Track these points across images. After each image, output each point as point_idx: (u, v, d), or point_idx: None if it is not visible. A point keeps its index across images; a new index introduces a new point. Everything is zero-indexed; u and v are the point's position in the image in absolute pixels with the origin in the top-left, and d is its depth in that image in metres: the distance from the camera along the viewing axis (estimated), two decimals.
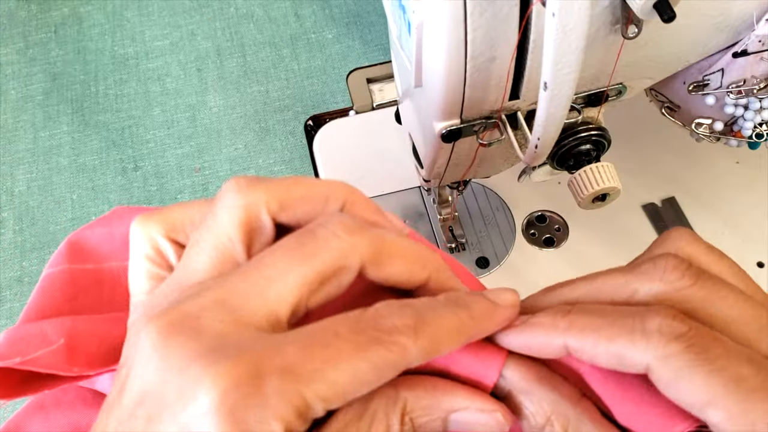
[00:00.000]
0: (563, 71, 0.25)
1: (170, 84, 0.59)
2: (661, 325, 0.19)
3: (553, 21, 0.23)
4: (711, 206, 0.50)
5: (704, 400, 0.19)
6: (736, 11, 0.30)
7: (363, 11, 0.62)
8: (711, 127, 0.35)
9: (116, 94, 0.58)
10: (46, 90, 0.58)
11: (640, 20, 0.26)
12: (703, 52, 0.32)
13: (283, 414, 0.18)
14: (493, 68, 0.28)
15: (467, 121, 0.31)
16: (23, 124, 0.57)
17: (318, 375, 0.18)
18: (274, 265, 0.20)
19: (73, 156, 0.55)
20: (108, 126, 0.57)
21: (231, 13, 0.62)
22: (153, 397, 0.19)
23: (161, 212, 0.23)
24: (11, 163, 0.55)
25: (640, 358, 0.19)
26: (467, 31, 0.26)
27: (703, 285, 0.21)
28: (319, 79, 0.59)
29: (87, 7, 0.63)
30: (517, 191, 0.51)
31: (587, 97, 0.32)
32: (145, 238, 0.23)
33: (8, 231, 0.52)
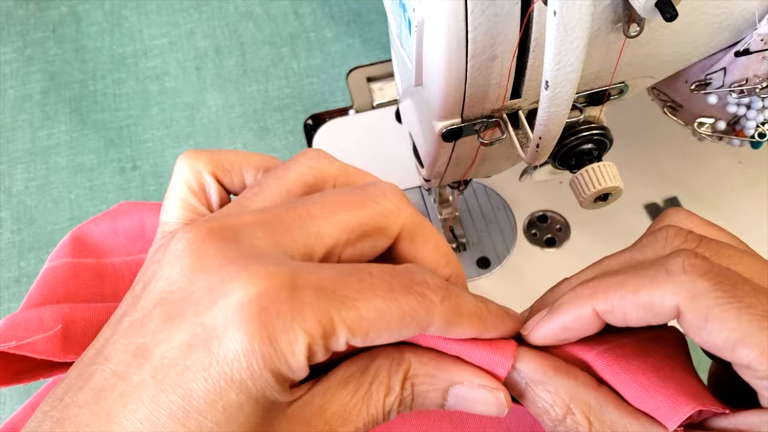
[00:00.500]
0: (565, 70, 0.24)
1: (169, 83, 0.59)
2: (685, 264, 0.19)
3: (555, 19, 0.23)
4: (713, 206, 0.50)
5: (735, 338, 0.18)
6: (738, 10, 0.29)
7: (363, 9, 0.62)
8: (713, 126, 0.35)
9: (114, 94, 0.58)
10: (44, 89, 0.58)
11: (642, 19, 0.26)
12: (705, 51, 0.32)
13: (309, 328, 0.17)
14: (494, 67, 0.28)
15: (468, 120, 0.31)
16: (21, 124, 0.56)
17: (349, 302, 0.18)
18: (323, 204, 0.20)
19: (71, 155, 0.55)
20: (106, 125, 0.57)
21: (230, 11, 0.62)
22: (177, 295, 0.18)
23: (212, 151, 0.23)
24: (9, 162, 0.55)
25: (669, 301, 0.19)
26: (468, 29, 0.26)
27: (707, 246, 0.21)
28: (319, 77, 0.59)
29: (85, 6, 0.63)
30: (519, 191, 0.51)
31: (589, 96, 0.32)
32: (191, 170, 0.23)
33: (6, 231, 0.52)
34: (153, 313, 0.18)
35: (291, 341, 0.17)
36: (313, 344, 0.18)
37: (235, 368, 0.17)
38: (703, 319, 0.19)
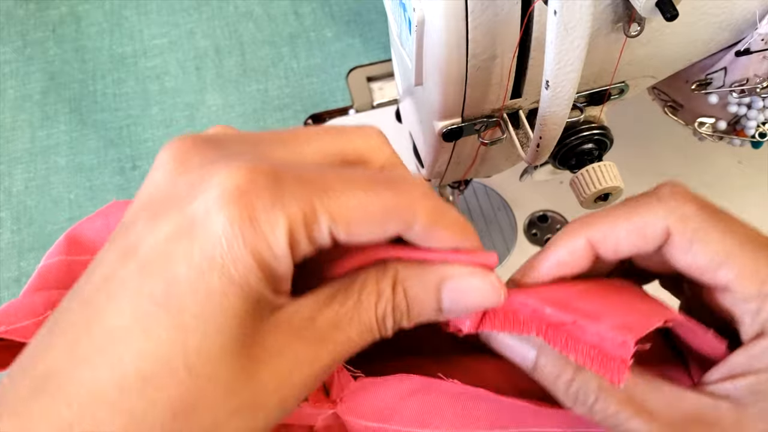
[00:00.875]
0: (565, 69, 0.24)
1: (169, 83, 0.58)
2: (673, 191, 0.21)
3: (555, 19, 0.23)
4: None
5: (718, 259, 0.20)
6: (739, 10, 0.29)
7: (363, 9, 0.62)
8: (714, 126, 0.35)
9: (114, 93, 0.58)
10: (44, 89, 0.58)
11: (643, 18, 0.26)
12: (706, 50, 0.32)
13: (290, 212, 0.18)
14: (494, 66, 0.28)
15: (468, 119, 0.31)
16: (21, 124, 0.56)
17: (331, 193, 0.19)
18: (306, 131, 0.21)
19: (71, 155, 0.55)
20: (106, 125, 0.56)
21: (230, 11, 0.62)
22: (160, 195, 0.19)
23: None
24: (9, 162, 0.55)
25: (660, 223, 0.21)
26: (468, 29, 0.26)
27: (703, 208, 0.22)
28: (319, 77, 0.59)
29: (85, 6, 0.63)
30: (519, 191, 0.50)
31: (589, 95, 0.32)
32: None
33: (6, 231, 0.52)
34: (139, 215, 0.19)
35: (272, 223, 0.18)
36: (294, 229, 0.18)
37: (217, 251, 0.17)
38: (689, 241, 0.21)
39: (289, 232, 0.18)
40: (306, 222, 0.18)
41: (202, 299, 0.17)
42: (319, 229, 0.19)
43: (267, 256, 0.18)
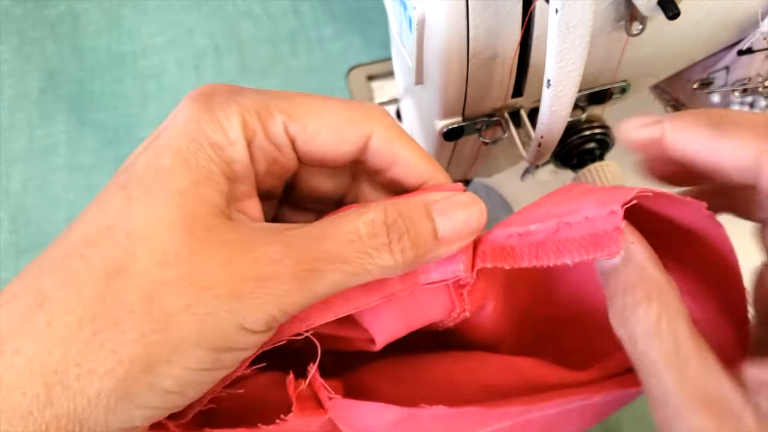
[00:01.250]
0: (567, 68, 0.24)
1: (167, 82, 0.58)
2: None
3: (557, 17, 0.23)
4: None
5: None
6: (741, 9, 0.29)
7: (363, 8, 0.61)
8: None
9: (112, 92, 0.58)
10: (41, 88, 0.58)
11: (645, 17, 0.26)
12: (708, 49, 0.32)
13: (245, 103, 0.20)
14: (495, 65, 0.28)
15: (469, 119, 0.31)
16: (18, 123, 0.56)
17: (287, 96, 0.22)
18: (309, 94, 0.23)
19: (69, 155, 0.55)
20: (104, 124, 0.56)
21: (229, 10, 0.62)
22: (164, 123, 0.21)
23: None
24: (6, 162, 0.54)
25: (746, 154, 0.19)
26: (469, 27, 0.26)
27: None
28: (319, 76, 0.58)
29: (83, 5, 0.62)
30: (520, 190, 0.50)
31: (591, 94, 0.32)
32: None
33: (3, 231, 0.51)
34: (147, 141, 0.21)
35: (227, 111, 0.20)
36: (247, 118, 0.20)
37: (175, 139, 0.19)
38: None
39: (242, 120, 0.20)
40: (260, 114, 0.21)
41: (151, 175, 0.19)
42: (274, 123, 0.21)
43: (220, 139, 0.20)
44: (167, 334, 0.17)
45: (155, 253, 0.18)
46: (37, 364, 0.17)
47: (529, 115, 0.31)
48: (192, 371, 0.18)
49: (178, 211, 0.19)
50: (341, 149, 0.22)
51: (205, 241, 0.18)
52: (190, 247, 0.18)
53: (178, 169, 0.19)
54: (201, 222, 0.19)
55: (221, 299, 0.18)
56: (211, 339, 0.18)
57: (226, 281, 0.18)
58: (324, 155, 0.22)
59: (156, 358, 0.17)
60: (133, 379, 0.17)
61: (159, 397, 0.18)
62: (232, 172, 0.20)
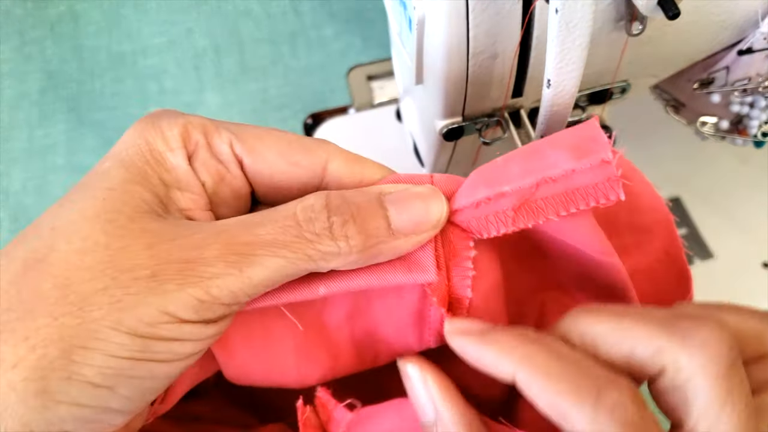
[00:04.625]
0: (567, 68, 0.24)
1: (167, 82, 0.58)
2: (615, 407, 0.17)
3: (557, 17, 0.23)
4: (716, 206, 0.49)
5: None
6: (741, 9, 0.29)
7: (363, 7, 0.61)
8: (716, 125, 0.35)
9: (112, 93, 0.58)
10: (41, 88, 0.58)
11: (645, 17, 0.26)
12: (708, 49, 0.32)
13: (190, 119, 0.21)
14: (495, 65, 0.28)
15: (469, 118, 0.31)
16: (19, 123, 0.56)
17: (235, 124, 0.22)
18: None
19: (69, 155, 0.55)
20: (104, 124, 0.56)
21: (229, 10, 0.62)
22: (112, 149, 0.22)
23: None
24: (7, 162, 0.54)
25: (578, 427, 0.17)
26: (469, 27, 0.26)
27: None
28: (319, 76, 0.58)
29: (83, 5, 0.62)
30: None
31: (591, 94, 0.32)
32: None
33: (3, 231, 0.51)
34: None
35: (171, 123, 0.21)
36: (190, 130, 0.21)
37: (118, 145, 0.21)
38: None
39: (184, 130, 0.21)
40: (205, 129, 0.21)
41: (90, 178, 0.20)
42: (219, 139, 0.21)
43: (160, 146, 0.20)
44: (82, 318, 0.17)
45: (74, 242, 0.18)
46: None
47: (529, 115, 0.31)
48: (116, 359, 0.17)
49: (102, 203, 0.19)
50: (294, 174, 0.22)
51: (126, 228, 0.18)
52: (110, 234, 0.18)
53: (113, 170, 0.20)
54: (125, 214, 0.18)
55: (140, 281, 0.17)
56: (131, 323, 0.17)
57: (147, 264, 0.17)
58: (278, 180, 0.22)
59: (71, 342, 0.16)
60: (49, 367, 0.16)
61: (85, 392, 0.17)
62: (173, 178, 0.20)
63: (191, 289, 0.17)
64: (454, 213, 0.22)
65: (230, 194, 0.22)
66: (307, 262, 0.19)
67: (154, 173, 0.20)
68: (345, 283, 0.21)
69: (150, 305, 0.17)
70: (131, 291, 0.17)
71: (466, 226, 0.22)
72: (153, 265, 0.17)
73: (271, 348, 0.23)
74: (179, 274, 0.17)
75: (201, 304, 0.18)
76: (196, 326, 0.18)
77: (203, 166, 0.21)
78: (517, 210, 0.21)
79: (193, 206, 0.21)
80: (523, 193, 0.21)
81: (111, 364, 0.17)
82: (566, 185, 0.20)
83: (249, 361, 0.22)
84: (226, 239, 0.18)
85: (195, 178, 0.21)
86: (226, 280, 0.18)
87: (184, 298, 0.17)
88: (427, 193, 0.21)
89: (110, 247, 0.18)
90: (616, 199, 0.20)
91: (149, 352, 0.17)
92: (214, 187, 0.21)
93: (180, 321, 0.18)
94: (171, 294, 0.17)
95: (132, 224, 0.18)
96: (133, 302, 0.17)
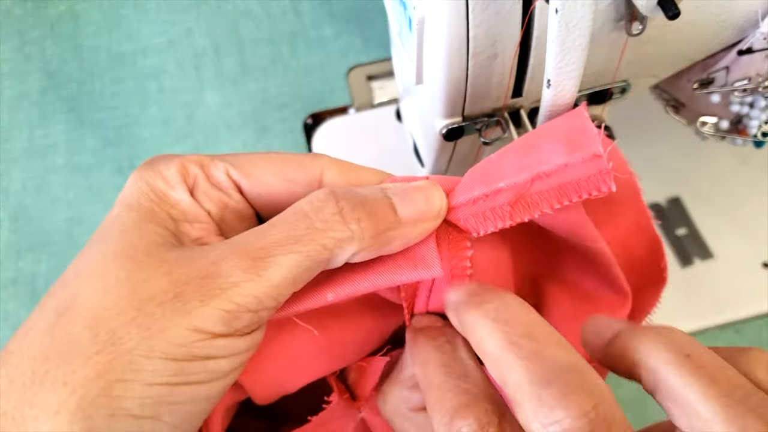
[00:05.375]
0: (567, 68, 0.24)
1: (167, 82, 0.58)
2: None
3: (557, 17, 0.23)
4: (716, 206, 0.49)
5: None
6: (741, 9, 0.29)
7: (363, 7, 0.61)
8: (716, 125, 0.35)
9: (112, 92, 0.58)
10: (41, 88, 0.58)
11: (645, 17, 0.26)
12: (708, 49, 0.32)
13: (186, 157, 0.22)
14: (495, 65, 0.28)
15: (469, 118, 0.31)
16: (19, 123, 0.56)
17: (228, 157, 0.23)
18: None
19: (69, 155, 0.55)
20: (104, 124, 0.56)
21: (229, 9, 0.62)
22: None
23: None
24: (6, 162, 0.54)
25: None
26: (469, 27, 0.26)
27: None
28: (319, 76, 0.58)
29: (83, 5, 0.62)
30: None
31: (591, 94, 0.32)
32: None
33: (3, 231, 0.51)
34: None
35: (168, 164, 0.22)
36: (187, 166, 0.22)
37: (123, 193, 0.21)
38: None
39: (181, 167, 0.22)
40: (202, 163, 0.22)
41: (101, 227, 0.20)
42: (216, 169, 0.22)
43: (161, 185, 0.21)
44: (116, 352, 0.17)
45: (96, 283, 0.18)
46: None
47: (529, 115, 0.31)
48: (154, 387, 0.17)
49: (119, 244, 0.19)
50: (292, 190, 0.22)
51: (144, 262, 0.19)
52: (129, 269, 0.18)
53: (123, 213, 0.20)
54: (142, 249, 0.19)
55: (164, 305, 0.17)
56: (163, 347, 0.17)
57: (168, 288, 0.18)
58: (277, 200, 0.23)
59: (108, 378, 0.16)
60: (90, 407, 0.16)
61: (130, 425, 0.17)
62: (179, 212, 0.21)
63: (215, 302, 0.18)
64: (452, 210, 0.22)
65: (236, 219, 0.23)
66: (322, 252, 0.19)
67: (161, 210, 0.21)
68: (353, 286, 0.21)
69: (178, 326, 0.17)
70: (157, 316, 0.17)
71: (463, 225, 0.22)
72: (174, 289, 0.18)
73: (294, 356, 0.23)
74: (200, 291, 0.18)
75: (228, 315, 0.18)
76: (228, 340, 0.18)
77: (205, 196, 0.22)
78: (513, 205, 0.21)
79: (204, 234, 0.22)
80: (519, 189, 0.21)
81: (150, 393, 0.17)
82: (559, 179, 0.21)
83: (275, 376, 0.23)
84: (240, 249, 0.19)
85: (199, 208, 0.22)
86: (246, 286, 0.18)
87: (209, 312, 0.18)
88: (426, 186, 0.22)
89: (131, 280, 0.18)
90: (608, 191, 0.20)
91: (185, 375, 0.17)
92: (219, 213, 0.22)
93: (211, 336, 0.18)
94: (196, 311, 0.18)
95: (149, 258, 0.19)
96: (161, 327, 0.17)
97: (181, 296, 0.18)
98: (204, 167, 0.22)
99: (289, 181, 0.22)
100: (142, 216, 0.20)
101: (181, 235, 0.21)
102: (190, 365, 0.17)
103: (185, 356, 0.17)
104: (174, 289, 0.18)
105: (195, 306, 0.17)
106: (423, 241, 0.22)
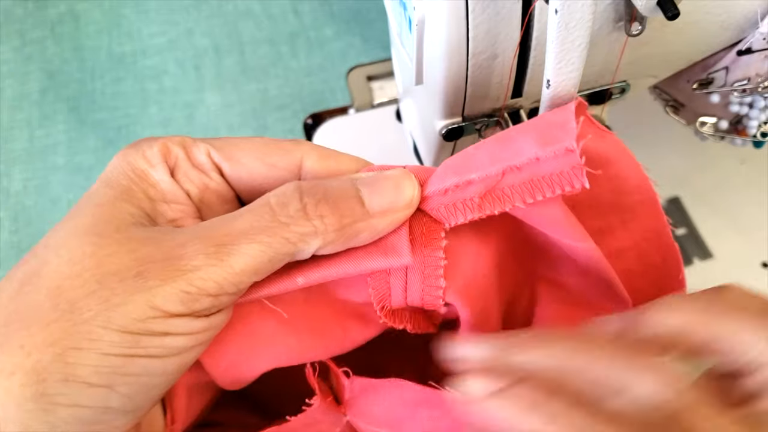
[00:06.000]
0: (566, 69, 0.24)
1: (167, 82, 0.58)
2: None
3: (556, 18, 0.23)
4: (716, 206, 0.49)
5: None
6: (741, 9, 0.29)
7: (363, 8, 0.61)
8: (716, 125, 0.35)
9: (113, 93, 0.58)
10: (42, 88, 0.58)
11: (644, 18, 0.26)
12: (707, 49, 0.32)
13: (168, 138, 0.22)
14: (495, 66, 0.28)
15: (469, 119, 0.31)
16: (19, 123, 0.56)
17: (211, 140, 0.23)
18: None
19: (70, 155, 0.55)
20: (105, 124, 0.56)
21: (229, 10, 0.62)
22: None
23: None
24: (7, 162, 0.54)
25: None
26: (469, 27, 0.26)
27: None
28: (319, 76, 0.58)
29: (84, 5, 0.62)
30: None
31: (590, 95, 0.32)
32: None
33: (4, 231, 0.51)
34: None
35: (150, 143, 0.22)
36: (169, 146, 0.22)
37: (104, 171, 0.22)
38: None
39: (163, 147, 0.22)
40: (184, 144, 0.22)
41: (78, 202, 0.21)
42: (198, 150, 0.22)
43: (141, 164, 0.21)
44: (73, 321, 0.17)
45: (63, 255, 0.19)
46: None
47: (529, 115, 0.31)
48: (109, 357, 0.17)
49: (90, 219, 0.20)
50: (273, 175, 0.23)
51: (112, 238, 0.19)
52: (97, 244, 0.19)
53: (100, 190, 0.21)
54: (112, 226, 0.19)
55: (126, 281, 0.18)
56: (120, 320, 0.17)
57: (132, 266, 0.18)
58: (258, 183, 0.23)
59: (64, 344, 0.17)
60: (44, 370, 0.17)
61: (83, 392, 0.17)
62: (157, 192, 0.22)
63: (175, 283, 0.18)
64: (425, 200, 0.23)
65: (216, 201, 0.23)
66: (286, 245, 0.20)
67: (138, 189, 0.21)
68: (322, 272, 0.21)
69: (137, 302, 0.18)
70: (118, 291, 0.18)
71: (436, 215, 0.22)
72: (138, 267, 0.18)
73: (254, 339, 0.23)
74: (163, 271, 0.18)
75: (187, 296, 0.18)
76: (185, 319, 0.19)
77: (185, 177, 0.22)
78: (483, 197, 0.21)
79: (181, 215, 0.22)
80: (490, 181, 0.21)
81: (105, 363, 0.17)
82: (531, 173, 0.20)
83: (237, 358, 0.23)
84: (206, 234, 0.19)
85: (179, 189, 0.22)
86: (208, 271, 0.19)
87: (169, 292, 0.18)
88: (398, 175, 0.22)
89: (97, 255, 0.19)
90: (580, 188, 0.20)
91: (141, 348, 0.18)
92: (199, 195, 0.23)
93: (168, 314, 0.18)
94: (156, 289, 0.18)
95: (118, 234, 0.19)
96: (120, 301, 0.18)
97: (143, 274, 0.18)
98: (186, 148, 0.22)
99: (270, 165, 0.23)
100: (118, 194, 0.21)
101: (156, 215, 0.21)
102: (147, 339, 0.18)
103: (141, 330, 0.18)
104: (138, 266, 0.18)
105: (155, 284, 0.18)
106: (395, 229, 0.22)
